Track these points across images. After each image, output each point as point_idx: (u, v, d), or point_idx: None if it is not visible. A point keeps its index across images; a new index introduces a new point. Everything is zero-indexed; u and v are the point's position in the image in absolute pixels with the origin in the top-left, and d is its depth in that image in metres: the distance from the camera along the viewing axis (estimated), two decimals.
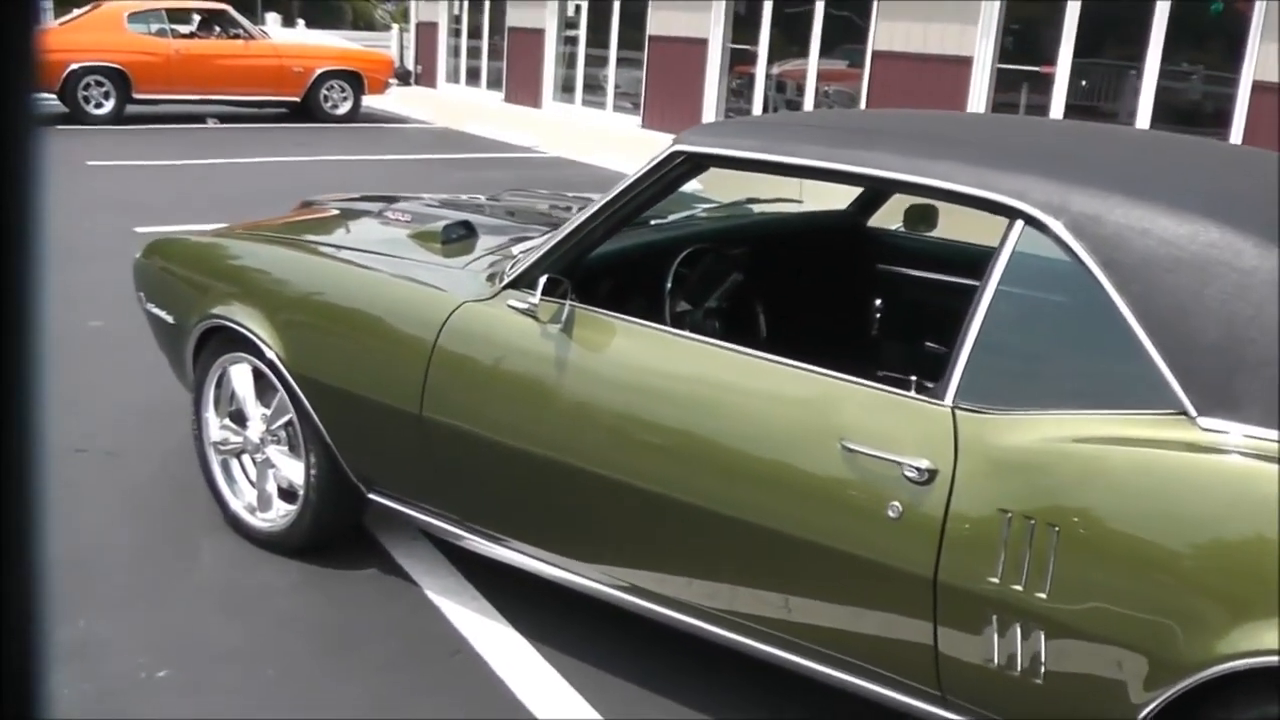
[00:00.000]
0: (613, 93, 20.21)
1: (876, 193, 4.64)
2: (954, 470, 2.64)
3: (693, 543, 3.14)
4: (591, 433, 3.25)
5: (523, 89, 21.98)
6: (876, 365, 4.67)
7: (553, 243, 3.44)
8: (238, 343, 4.06)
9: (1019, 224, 2.77)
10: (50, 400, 0.66)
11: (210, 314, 4.09)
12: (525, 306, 3.37)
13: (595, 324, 3.31)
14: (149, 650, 3.61)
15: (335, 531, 4.20)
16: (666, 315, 3.75)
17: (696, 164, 3.36)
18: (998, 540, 2.57)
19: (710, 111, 17.73)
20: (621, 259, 3.80)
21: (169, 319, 4.42)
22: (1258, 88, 11.42)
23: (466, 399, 3.50)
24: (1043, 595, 2.51)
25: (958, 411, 2.70)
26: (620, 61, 19.99)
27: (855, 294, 4.80)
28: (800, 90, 16.54)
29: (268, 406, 4.14)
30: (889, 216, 4.87)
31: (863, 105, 15.09)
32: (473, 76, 24.27)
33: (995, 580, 2.57)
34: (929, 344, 4.66)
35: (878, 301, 4.77)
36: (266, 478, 4.22)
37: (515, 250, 3.84)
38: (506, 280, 3.49)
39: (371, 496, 3.92)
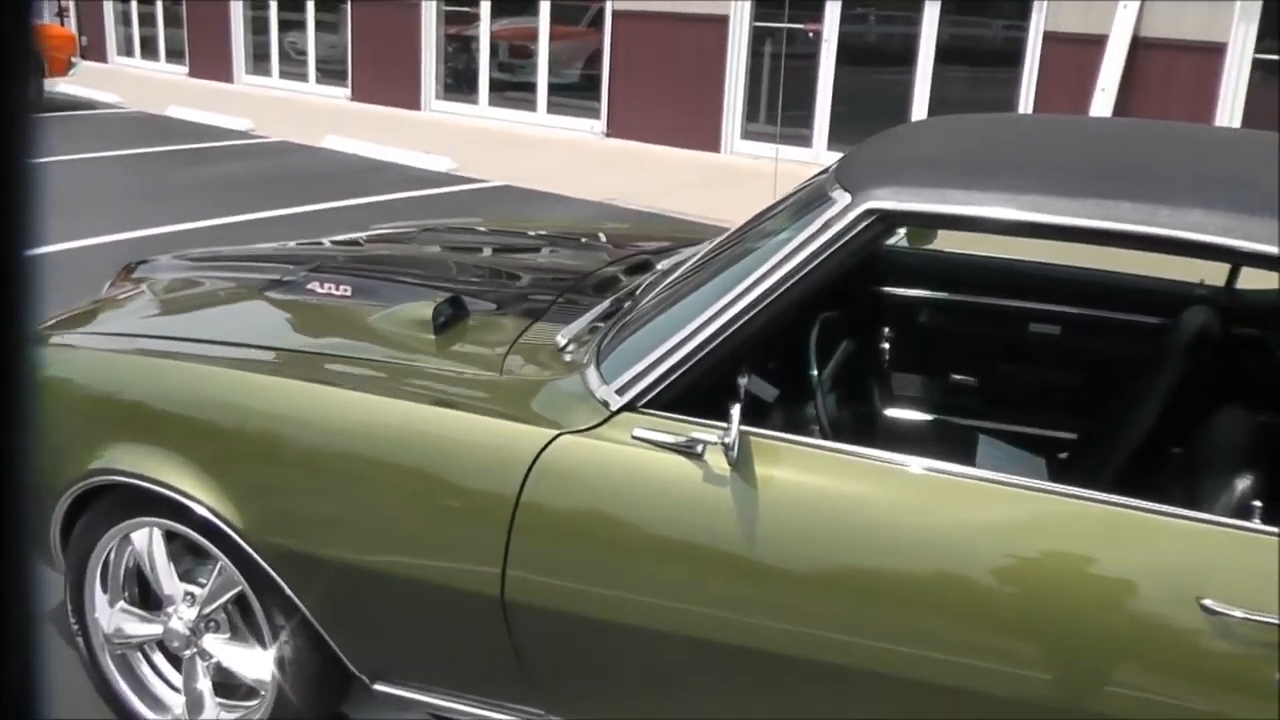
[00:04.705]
0: (314, 63, 18.87)
1: None
2: None
3: None
4: (810, 610, 2.41)
5: (210, 62, 20.30)
6: (893, 400, 4.11)
7: (687, 346, 2.55)
8: (146, 504, 2.93)
9: None
10: None
11: (97, 468, 2.92)
12: (675, 441, 2.49)
13: (785, 458, 2.47)
14: None
15: None
16: (823, 415, 2.96)
17: (893, 225, 2.58)
18: None
19: (429, 80, 16.73)
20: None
21: None
22: (1050, 37, 11.39)
23: (586, 575, 2.55)
24: None
25: None
26: (320, 26, 18.64)
27: (871, 324, 4.12)
28: (527, 54, 15.74)
29: (189, 580, 3.08)
30: None
31: (605, 69, 14.44)
32: (149, 48, 22.25)
33: None
34: (954, 376, 4.09)
35: (886, 330, 4.10)
36: (196, 674, 3.11)
37: (560, 339, 2.96)
38: (621, 400, 2.58)
39: (378, 688, 2.92)
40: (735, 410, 2.39)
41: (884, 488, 2.44)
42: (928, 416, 4.09)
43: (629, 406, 2.57)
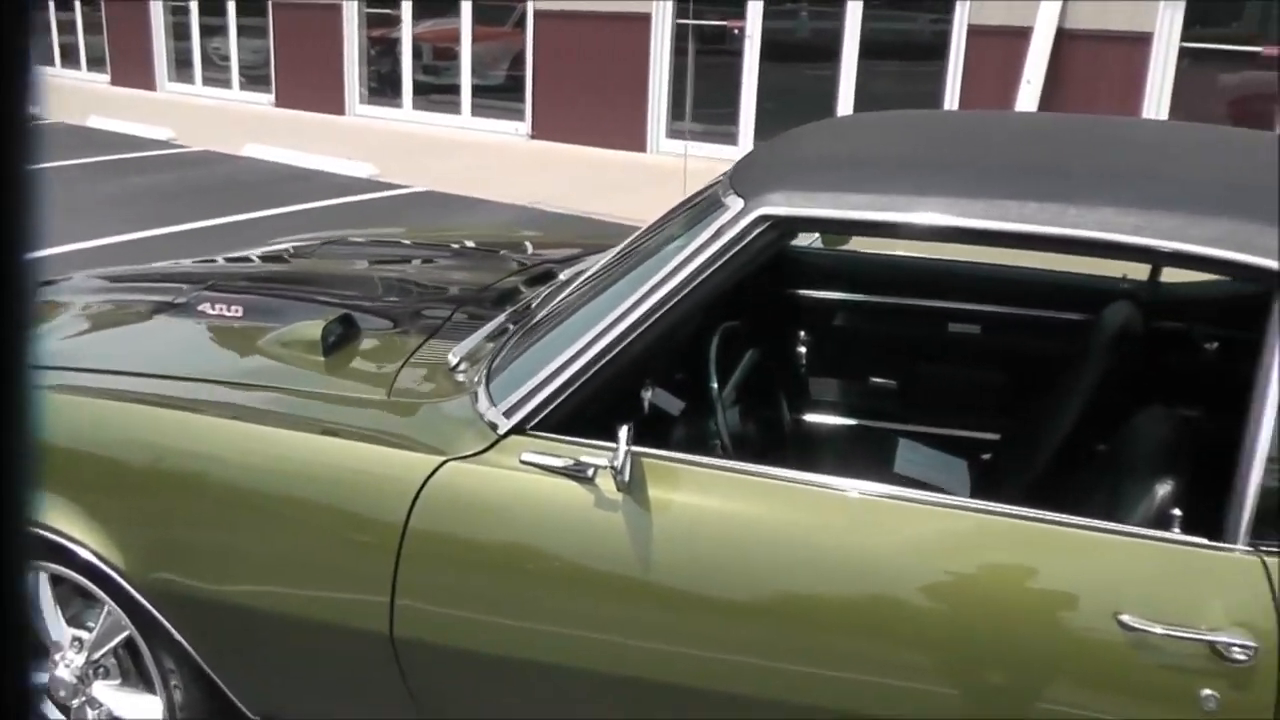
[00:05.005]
0: (237, 68, 18.64)
1: None
2: None
3: None
4: (724, 641, 2.31)
5: (132, 69, 20.01)
6: (811, 406, 4.01)
7: (576, 364, 2.45)
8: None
9: None
10: None
11: None
12: (564, 464, 2.38)
13: (682, 479, 2.37)
14: None
15: None
16: (723, 432, 2.86)
17: (788, 231, 2.49)
18: None
19: (353, 84, 16.58)
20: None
21: None
22: (974, 30, 11.42)
23: (471, 608, 2.45)
24: None
25: (1267, 558, 2.06)
26: (242, 31, 18.41)
27: (786, 330, 4.00)
28: (450, 56, 15.63)
29: (78, 625, 2.95)
30: None
31: (528, 70, 14.37)
32: (69, 57, 21.84)
33: None
34: (874, 379, 3.99)
35: (802, 334, 3.99)
36: None
37: (452, 358, 2.85)
38: (509, 423, 2.47)
39: None
40: (623, 432, 2.29)
41: (785, 507, 2.35)
42: (847, 421, 4.01)
43: (518, 429, 2.47)
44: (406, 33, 16.03)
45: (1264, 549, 2.08)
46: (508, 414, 2.50)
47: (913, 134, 3.09)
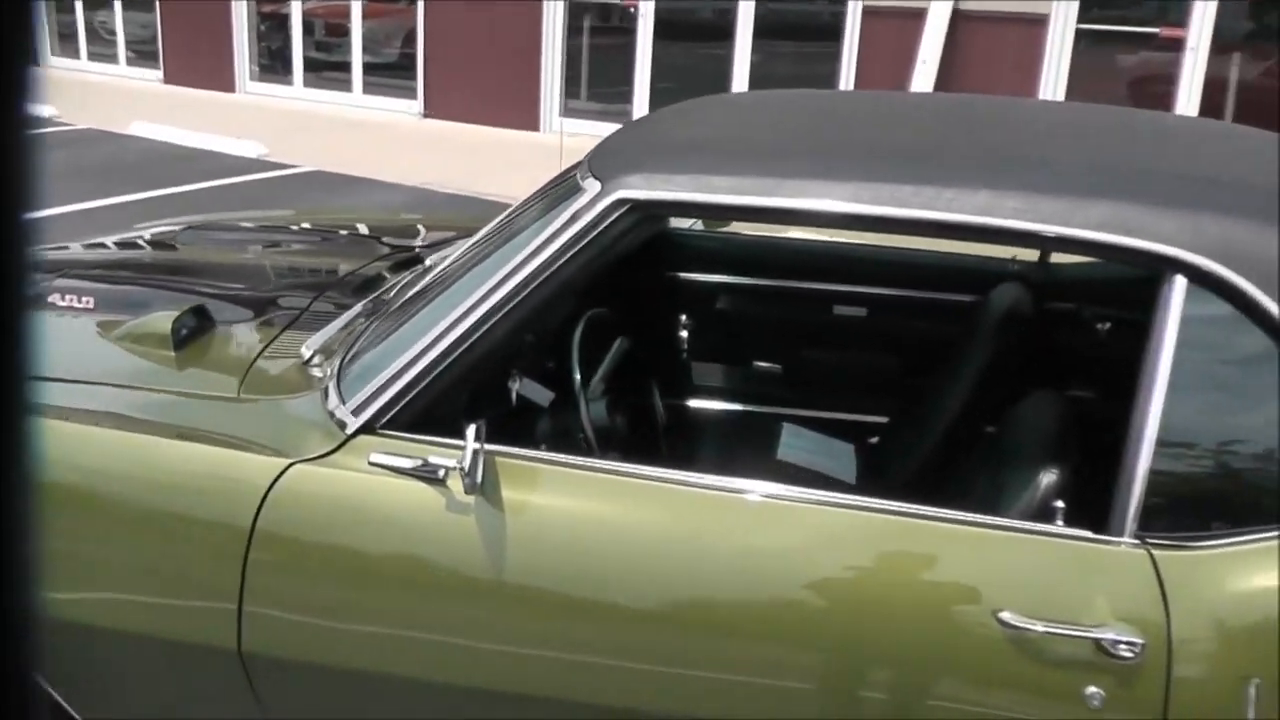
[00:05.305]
0: (124, 43, 18.17)
1: None
2: (1169, 633, 1.97)
3: None
4: (579, 646, 2.22)
5: None
6: (693, 393, 3.92)
7: (426, 358, 2.33)
8: None
9: (1179, 280, 2.07)
10: None
11: None
12: (413, 466, 2.27)
13: (540, 479, 2.28)
14: None
15: None
16: (588, 427, 2.75)
17: (647, 215, 2.38)
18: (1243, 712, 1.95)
19: (243, 61, 16.24)
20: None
21: None
22: (869, 11, 11.43)
23: (323, 617, 2.32)
24: None
25: (1155, 550, 2.01)
26: (128, 4, 17.89)
27: (667, 314, 3.90)
28: (342, 32, 15.37)
29: None
30: None
31: (421, 47, 14.18)
32: None
33: None
34: (760, 363, 3.91)
35: (684, 319, 3.88)
36: None
37: (306, 351, 2.73)
38: (357, 423, 2.35)
39: None
40: (471, 430, 2.18)
41: (644, 506, 2.27)
42: (731, 407, 3.94)
43: (367, 428, 2.35)
44: (297, 8, 15.73)
45: (1151, 541, 2.04)
46: (356, 412, 2.38)
47: (784, 114, 3.00)
